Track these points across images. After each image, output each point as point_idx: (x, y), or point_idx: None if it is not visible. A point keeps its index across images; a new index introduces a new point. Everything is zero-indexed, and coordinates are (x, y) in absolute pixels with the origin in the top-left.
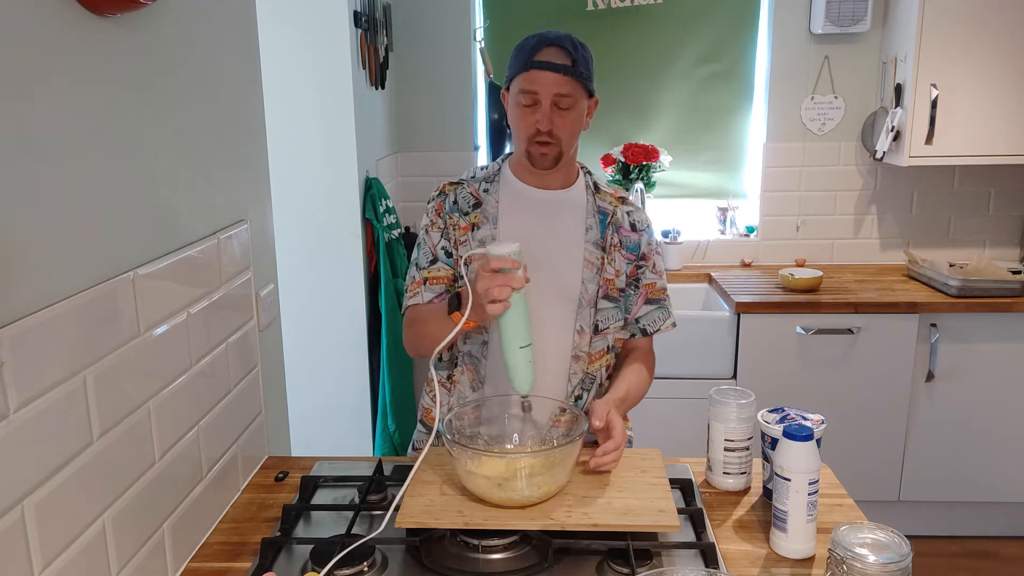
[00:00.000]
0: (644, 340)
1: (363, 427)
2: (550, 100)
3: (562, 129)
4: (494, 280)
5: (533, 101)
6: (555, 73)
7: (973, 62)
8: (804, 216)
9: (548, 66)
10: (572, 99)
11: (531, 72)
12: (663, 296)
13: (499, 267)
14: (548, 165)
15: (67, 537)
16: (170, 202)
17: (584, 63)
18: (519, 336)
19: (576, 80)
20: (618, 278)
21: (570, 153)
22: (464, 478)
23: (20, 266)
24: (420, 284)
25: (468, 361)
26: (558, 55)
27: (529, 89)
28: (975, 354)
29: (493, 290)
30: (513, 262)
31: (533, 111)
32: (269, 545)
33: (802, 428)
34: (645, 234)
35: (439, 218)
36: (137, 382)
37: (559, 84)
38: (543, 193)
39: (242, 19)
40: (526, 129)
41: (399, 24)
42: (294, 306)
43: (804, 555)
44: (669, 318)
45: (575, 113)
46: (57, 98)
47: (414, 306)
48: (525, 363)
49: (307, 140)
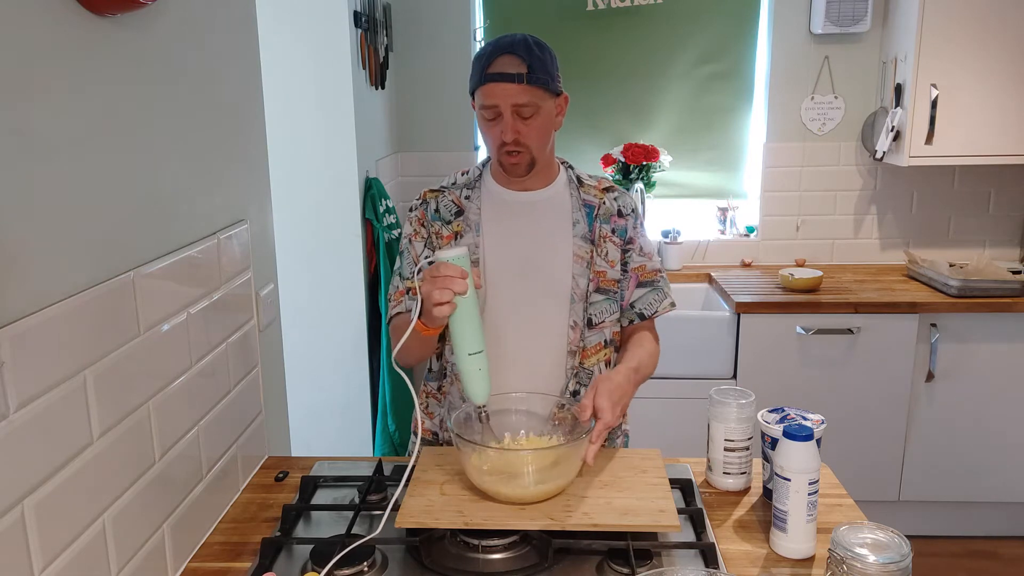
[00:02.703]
0: (645, 324)
1: (363, 427)
2: (510, 111)
3: (528, 137)
4: (435, 284)
5: (494, 115)
6: (510, 84)
7: (973, 62)
8: (804, 216)
9: (502, 77)
10: (533, 106)
11: (487, 85)
12: (655, 277)
13: (443, 272)
14: (522, 172)
15: (67, 537)
16: (170, 202)
17: (542, 66)
18: (468, 342)
19: (534, 86)
20: (611, 269)
21: (544, 156)
22: (471, 474)
23: (20, 266)
24: (403, 294)
25: (455, 372)
26: (512, 63)
27: (488, 104)
28: (975, 354)
29: (434, 293)
30: (459, 269)
31: (496, 123)
32: (269, 545)
33: (802, 428)
34: (631, 217)
35: (422, 227)
36: (137, 382)
37: (516, 94)
38: (525, 195)
39: (242, 19)
40: (493, 141)
41: (399, 24)
42: (294, 306)
43: (804, 555)
44: (666, 299)
45: (540, 118)
46: (57, 98)
47: (397, 315)
48: (475, 371)
49: (307, 140)
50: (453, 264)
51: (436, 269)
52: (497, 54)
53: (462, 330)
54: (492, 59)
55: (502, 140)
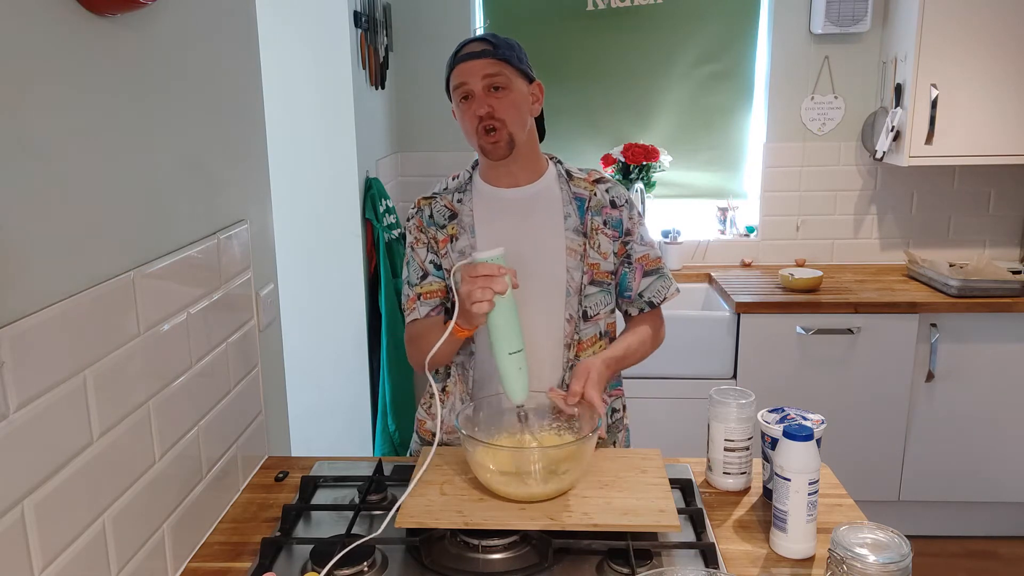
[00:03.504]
0: (654, 311)
1: (363, 427)
2: (480, 85)
3: (502, 111)
4: (475, 283)
5: (466, 93)
6: (477, 59)
7: (973, 62)
8: (804, 216)
9: (469, 56)
10: (504, 77)
11: (456, 67)
12: (659, 265)
13: (482, 272)
14: (503, 153)
15: (67, 537)
16: (170, 202)
17: (507, 47)
18: (508, 342)
19: (501, 60)
20: (605, 261)
21: (523, 138)
22: (478, 472)
23: (20, 266)
24: (415, 300)
25: (459, 372)
26: (477, 45)
27: (459, 83)
28: (975, 354)
29: (475, 292)
30: (498, 268)
31: (471, 103)
32: (269, 545)
33: (802, 428)
34: (625, 208)
35: (422, 234)
36: (137, 382)
37: (484, 67)
38: (515, 192)
39: (242, 19)
40: (470, 123)
41: (399, 24)
42: (294, 306)
43: (804, 555)
44: (671, 285)
45: (514, 93)
46: (57, 98)
47: (413, 322)
48: (516, 370)
49: (307, 140)
50: (492, 264)
51: (475, 269)
52: (464, 44)
53: (502, 329)
54: (461, 48)
55: (477, 116)
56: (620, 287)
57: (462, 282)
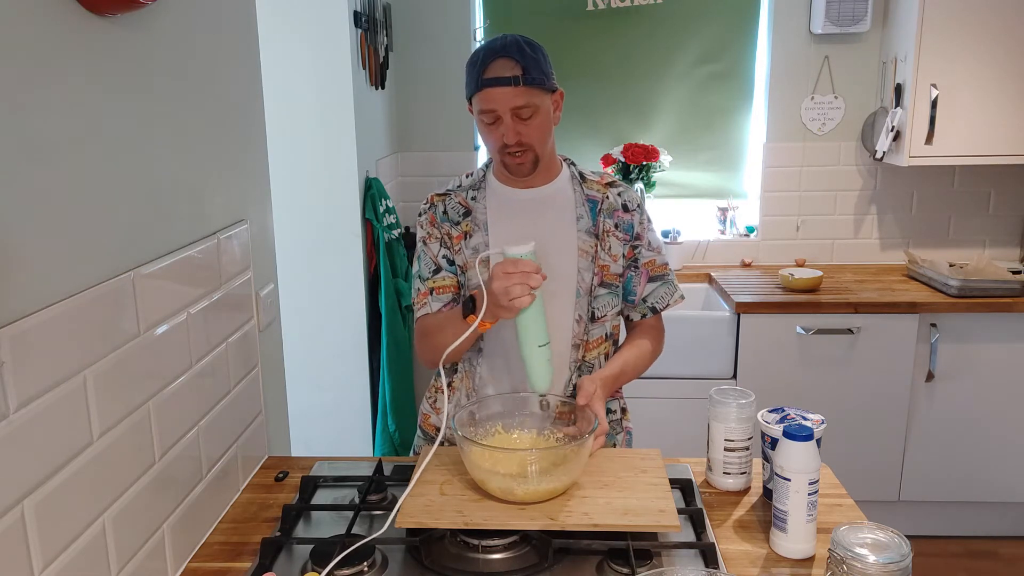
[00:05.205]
0: (654, 317)
1: (363, 427)
2: (509, 114)
3: (530, 137)
4: (512, 279)
5: (494, 119)
6: (507, 88)
7: (973, 62)
8: (804, 216)
9: (498, 82)
10: (531, 107)
11: (484, 91)
12: (665, 271)
13: (519, 268)
14: (527, 172)
15: (67, 537)
16: (170, 202)
17: (536, 66)
18: (537, 335)
19: (530, 87)
20: (615, 263)
21: (546, 153)
22: (474, 473)
23: (20, 266)
24: (427, 295)
25: (467, 367)
26: (506, 67)
27: (487, 108)
28: (975, 354)
29: (513, 288)
30: (531, 263)
31: (497, 127)
32: (269, 545)
33: (802, 428)
34: (637, 212)
35: (434, 228)
36: (137, 382)
37: (514, 97)
38: (529, 192)
39: (242, 19)
40: (495, 144)
41: (399, 24)
42: (294, 306)
43: (804, 555)
44: (676, 292)
45: (539, 118)
46: (57, 98)
47: (424, 316)
48: (544, 362)
49: (307, 140)
50: (529, 260)
51: (510, 265)
52: (491, 58)
53: (534, 323)
54: (486, 64)
55: (504, 143)
56: (624, 291)
57: (495, 277)
